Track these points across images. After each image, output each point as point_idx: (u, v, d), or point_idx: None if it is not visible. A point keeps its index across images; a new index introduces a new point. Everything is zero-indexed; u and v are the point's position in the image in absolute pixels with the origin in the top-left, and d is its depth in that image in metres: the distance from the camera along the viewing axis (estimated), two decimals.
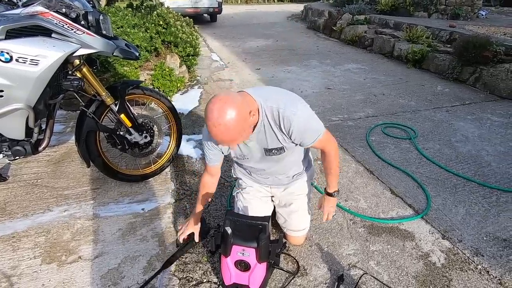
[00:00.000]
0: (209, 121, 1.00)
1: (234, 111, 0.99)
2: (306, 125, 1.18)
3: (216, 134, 1.02)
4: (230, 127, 1.00)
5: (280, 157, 1.31)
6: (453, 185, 2.07)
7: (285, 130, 1.17)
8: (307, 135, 1.19)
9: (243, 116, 1.02)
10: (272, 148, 1.26)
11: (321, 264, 1.47)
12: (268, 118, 1.17)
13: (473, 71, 3.91)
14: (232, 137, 1.04)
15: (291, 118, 1.13)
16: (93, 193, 1.87)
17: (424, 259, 1.51)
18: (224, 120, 0.98)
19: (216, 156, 1.35)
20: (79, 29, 1.39)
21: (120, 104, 1.70)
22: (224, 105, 0.99)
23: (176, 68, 3.61)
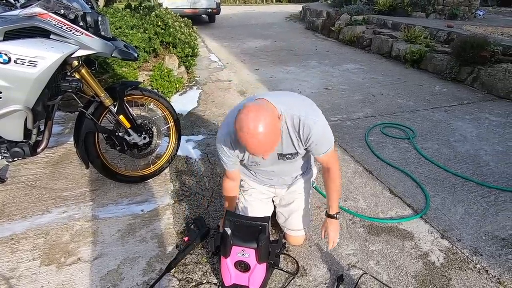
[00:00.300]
0: (246, 133, 0.97)
1: (269, 120, 0.98)
2: (324, 134, 1.21)
3: (254, 145, 0.99)
4: (268, 136, 0.99)
5: (292, 161, 1.33)
6: (452, 185, 2.07)
7: (303, 136, 1.19)
8: (322, 144, 1.22)
9: (276, 124, 1.02)
10: (287, 154, 1.28)
11: (320, 264, 1.47)
12: (288, 125, 1.18)
13: (471, 71, 3.93)
14: (269, 146, 1.03)
15: (311, 126, 1.16)
16: (92, 194, 1.86)
17: (423, 258, 1.52)
18: (261, 130, 0.97)
19: (235, 162, 1.32)
20: (78, 30, 1.38)
21: (119, 105, 1.69)
22: (258, 114, 0.97)
23: (174, 69, 3.61)
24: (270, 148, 1.04)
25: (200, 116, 3.03)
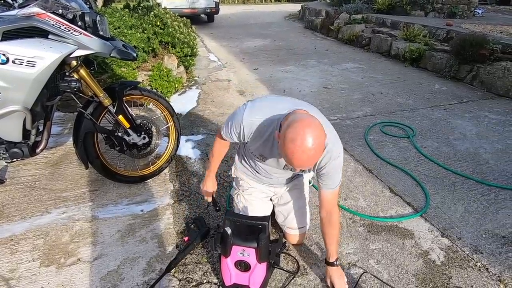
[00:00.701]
0: (299, 147, 0.94)
1: (321, 140, 0.98)
2: (337, 170, 1.21)
3: (301, 160, 0.97)
4: (317, 155, 0.99)
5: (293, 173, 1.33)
6: (452, 183, 2.07)
7: (320, 164, 1.18)
8: (332, 178, 1.21)
9: (323, 144, 1.01)
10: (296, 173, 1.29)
11: (321, 263, 1.47)
12: None
13: (470, 69, 3.93)
14: (312, 163, 1.01)
15: (332, 157, 1.16)
16: (92, 195, 1.86)
17: (423, 257, 1.52)
18: (314, 148, 0.95)
19: (236, 140, 1.29)
20: (76, 30, 1.38)
21: (118, 105, 1.69)
22: (315, 132, 0.96)
23: (174, 68, 3.60)
24: (312, 164, 1.02)
25: (200, 116, 3.03)
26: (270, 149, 1.23)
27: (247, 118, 1.18)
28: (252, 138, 1.22)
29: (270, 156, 1.28)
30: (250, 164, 1.47)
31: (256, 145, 1.25)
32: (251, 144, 1.26)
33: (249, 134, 1.20)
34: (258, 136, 1.20)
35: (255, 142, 1.23)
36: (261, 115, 1.18)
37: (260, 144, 1.23)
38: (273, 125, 1.16)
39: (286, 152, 0.98)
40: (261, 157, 1.31)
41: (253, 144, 1.25)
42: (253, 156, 1.35)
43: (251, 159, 1.43)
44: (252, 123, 1.17)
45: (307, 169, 1.22)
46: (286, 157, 1.00)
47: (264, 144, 1.22)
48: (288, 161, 1.01)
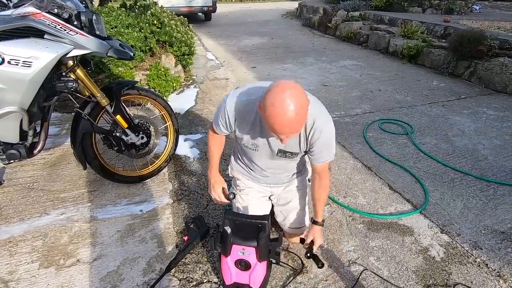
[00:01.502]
0: (279, 109, 0.91)
1: (303, 101, 0.95)
2: (330, 142, 1.20)
3: (283, 123, 0.94)
4: (299, 116, 0.94)
5: (288, 161, 1.32)
6: (451, 179, 2.08)
7: (311, 139, 1.18)
8: (325, 152, 1.21)
9: (306, 107, 0.98)
10: (287, 152, 1.25)
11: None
12: None
13: (468, 66, 3.93)
14: (296, 127, 0.98)
15: (323, 130, 1.15)
16: (90, 195, 1.85)
17: (423, 253, 1.52)
18: (295, 108, 0.92)
19: (226, 130, 1.29)
20: (72, 30, 1.37)
21: (116, 105, 1.68)
22: (295, 93, 0.93)
23: (171, 67, 3.58)
24: (296, 130, 0.99)
25: (198, 115, 3.02)
26: (259, 133, 1.21)
27: (229, 103, 1.17)
28: (239, 123, 1.20)
29: (263, 142, 1.25)
30: (245, 163, 1.46)
31: (245, 132, 1.23)
32: (240, 132, 1.23)
33: (234, 119, 1.19)
34: (244, 120, 1.19)
35: (243, 128, 1.21)
36: (244, 97, 1.17)
37: (249, 129, 1.21)
38: (257, 105, 1.12)
39: (268, 118, 0.96)
40: (254, 147, 1.27)
41: (242, 132, 1.23)
42: (247, 149, 1.32)
43: (246, 156, 1.41)
44: (236, 106, 1.16)
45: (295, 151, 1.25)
46: (269, 125, 0.98)
47: (253, 129, 1.20)
48: (271, 128, 0.98)
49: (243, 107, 1.17)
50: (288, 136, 1.02)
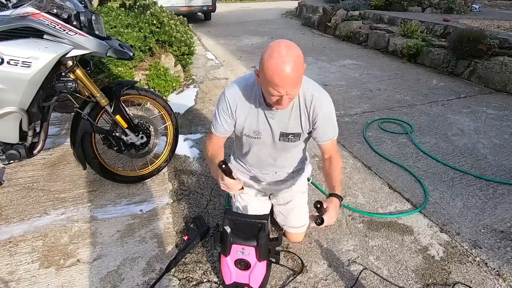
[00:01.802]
0: (277, 59, 0.96)
1: (299, 53, 1.00)
2: (331, 116, 1.22)
3: (282, 73, 0.96)
4: (297, 67, 0.98)
5: (291, 146, 1.31)
6: (450, 179, 2.08)
7: (312, 113, 1.19)
8: (329, 128, 1.21)
9: (303, 63, 1.02)
10: (290, 133, 1.25)
11: (321, 260, 1.47)
12: (300, 99, 1.19)
13: (467, 65, 3.93)
14: (295, 79, 1.00)
15: (323, 103, 1.18)
16: (90, 195, 1.85)
17: (423, 252, 1.52)
18: (293, 58, 0.97)
19: (227, 125, 1.25)
20: (71, 30, 1.37)
21: (115, 105, 1.68)
22: (291, 45, 1.00)
23: (171, 67, 3.58)
24: (295, 82, 1.00)
25: (198, 114, 3.02)
26: (260, 117, 1.23)
27: (228, 90, 1.23)
28: (239, 108, 1.22)
29: (264, 126, 1.25)
30: (245, 161, 1.46)
31: (246, 118, 1.23)
32: (241, 118, 1.23)
33: (234, 105, 1.21)
34: (245, 105, 1.22)
35: (244, 113, 1.23)
36: (242, 82, 1.23)
37: (249, 114, 1.23)
38: (255, 87, 1.20)
39: (266, 73, 0.98)
40: (255, 134, 1.26)
41: (243, 118, 1.23)
42: (248, 139, 1.29)
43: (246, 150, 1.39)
44: (235, 92, 1.22)
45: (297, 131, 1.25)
46: (268, 81, 0.99)
47: (253, 113, 1.23)
48: (271, 83, 0.99)
49: (242, 91, 1.21)
50: (288, 93, 1.02)
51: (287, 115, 1.22)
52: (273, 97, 1.05)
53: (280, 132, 1.26)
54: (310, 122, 1.23)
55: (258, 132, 1.27)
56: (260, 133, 1.27)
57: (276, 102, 1.06)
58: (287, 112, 1.21)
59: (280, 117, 1.23)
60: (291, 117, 1.23)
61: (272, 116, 1.23)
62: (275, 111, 1.20)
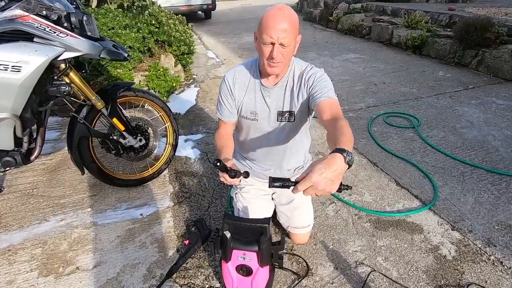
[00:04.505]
0: (273, 9, 1.05)
1: (294, 13, 1.09)
2: (327, 79, 1.20)
3: (278, 17, 1.03)
4: (292, 16, 1.06)
5: (288, 128, 1.29)
6: (460, 173, 2.00)
7: (308, 80, 1.18)
8: (327, 87, 1.16)
9: (298, 24, 1.09)
10: (285, 111, 1.25)
11: (327, 263, 1.42)
12: (295, 74, 1.22)
13: (475, 54, 3.81)
14: (290, 24, 1.04)
15: (317, 72, 1.20)
16: (90, 200, 1.82)
17: (434, 252, 1.46)
18: (288, 9, 1.06)
19: (232, 108, 1.29)
20: (62, 32, 1.33)
21: (112, 107, 1.64)
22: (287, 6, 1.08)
23: (171, 67, 3.54)
24: (287, 28, 1.04)
25: (199, 114, 2.97)
26: (257, 96, 1.25)
27: (228, 73, 1.29)
28: (238, 87, 1.26)
29: (261, 106, 1.26)
30: (245, 150, 1.43)
31: (243, 98, 1.26)
32: (239, 98, 1.27)
33: (233, 83, 1.26)
34: (242, 84, 1.26)
35: (241, 92, 1.26)
36: (240, 65, 1.30)
37: (247, 93, 1.26)
38: (252, 68, 1.25)
39: (261, 22, 1.06)
40: (253, 116, 1.28)
41: (241, 97, 1.26)
42: (246, 121, 1.30)
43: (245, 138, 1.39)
44: (233, 73, 1.27)
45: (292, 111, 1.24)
46: (264, 27, 1.05)
47: (250, 93, 1.26)
48: (264, 27, 1.05)
49: (240, 70, 1.27)
50: (280, 39, 1.04)
51: (282, 92, 1.24)
52: (266, 49, 1.07)
53: (277, 112, 1.26)
54: (307, 90, 1.20)
55: (255, 113, 1.28)
56: (257, 113, 1.27)
57: (269, 57, 1.08)
58: (281, 89, 1.23)
59: (276, 95, 1.24)
60: (285, 95, 1.24)
61: (269, 94, 1.24)
62: (271, 89, 1.23)
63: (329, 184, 0.74)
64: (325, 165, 0.74)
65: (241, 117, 1.32)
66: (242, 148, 1.47)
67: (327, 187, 0.74)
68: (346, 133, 0.89)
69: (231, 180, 1.05)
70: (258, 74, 1.24)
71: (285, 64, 1.15)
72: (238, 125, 1.39)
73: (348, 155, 0.78)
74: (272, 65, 1.11)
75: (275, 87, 1.23)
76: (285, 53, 1.09)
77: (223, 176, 1.06)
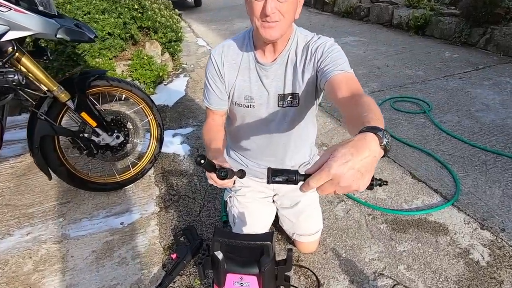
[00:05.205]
0: None
1: None
2: (339, 49, 0.94)
3: None
4: None
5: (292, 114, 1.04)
6: (482, 162, 1.78)
7: (315, 52, 0.94)
8: (338, 56, 0.90)
9: None
10: (288, 94, 1.01)
11: (340, 275, 1.20)
12: (298, 46, 0.98)
13: (483, 32, 3.56)
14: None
15: (325, 41, 0.95)
16: (63, 208, 1.58)
17: (464, 257, 1.25)
18: None
19: (222, 94, 1.04)
20: (3, 5, 1.06)
21: (79, 100, 1.38)
22: None
23: (157, 56, 3.25)
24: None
25: (189, 106, 2.72)
26: (250, 75, 1.01)
27: (214, 49, 1.05)
28: (227, 66, 1.02)
29: (257, 90, 1.02)
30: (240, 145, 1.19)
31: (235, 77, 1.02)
32: (230, 77, 1.02)
33: (221, 62, 1.02)
34: (233, 63, 1.02)
35: (233, 73, 1.02)
36: (228, 40, 1.06)
37: (239, 71, 1.02)
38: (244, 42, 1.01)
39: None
40: (248, 102, 1.03)
41: (232, 77, 1.02)
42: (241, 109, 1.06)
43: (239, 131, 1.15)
44: (221, 47, 1.04)
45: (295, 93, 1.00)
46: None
47: (243, 71, 1.01)
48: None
49: (229, 45, 1.04)
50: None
51: (282, 70, 0.99)
52: (257, 4, 0.83)
53: (278, 95, 1.01)
54: (314, 65, 0.94)
55: (250, 98, 1.03)
56: (253, 99, 1.03)
57: (262, 14, 0.83)
58: (282, 66, 0.98)
59: (276, 74, 1.00)
60: (287, 72, 0.99)
61: (266, 73, 1.00)
62: (269, 67, 0.98)
63: (357, 177, 0.49)
64: (352, 149, 0.49)
65: (233, 104, 1.07)
66: (235, 142, 1.22)
67: (354, 183, 0.49)
68: (375, 111, 0.65)
69: (221, 182, 0.81)
70: (253, 47, 0.99)
71: (284, 26, 0.88)
72: (230, 114, 1.14)
73: (385, 136, 0.53)
74: (267, 26, 0.85)
75: (273, 64, 0.98)
76: (283, 9, 0.83)
77: (211, 177, 0.82)
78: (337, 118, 2.35)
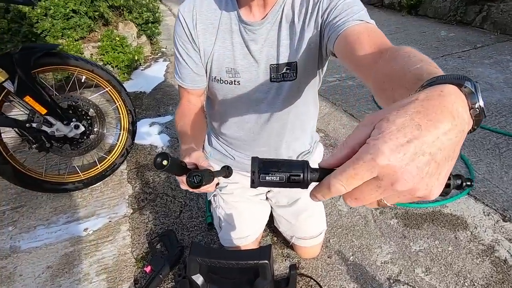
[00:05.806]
0: None
1: None
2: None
3: None
4: None
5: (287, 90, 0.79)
6: (495, 145, 1.62)
7: (314, 2, 0.69)
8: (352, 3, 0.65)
9: None
10: (283, 64, 0.76)
11: (348, 284, 1.01)
12: None
13: (479, 10, 3.40)
14: None
15: None
16: (14, 214, 1.32)
17: (489, 255, 1.08)
18: None
19: (197, 66, 0.80)
20: None
21: (20, 80, 1.11)
22: None
23: (132, 37, 2.94)
24: None
25: (168, 92, 2.44)
26: (232, 40, 0.76)
27: (183, 5, 0.78)
28: (201, 27, 0.76)
29: (243, 59, 0.77)
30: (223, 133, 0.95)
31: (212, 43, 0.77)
32: (206, 43, 0.77)
33: (193, 22, 0.76)
34: (209, 19, 0.76)
35: (208, 34, 0.77)
36: None
37: (217, 35, 0.77)
38: None
39: None
40: (232, 77, 0.79)
41: (208, 43, 0.77)
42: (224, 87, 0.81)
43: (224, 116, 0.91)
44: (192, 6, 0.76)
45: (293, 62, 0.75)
46: None
47: (222, 35, 0.77)
48: None
49: (201, 1, 0.77)
50: None
51: (274, 31, 0.74)
52: None
53: (270, 66, 0.77)
54: (317, 20, 0.69)
55: (234, 71, 0.78)
56: (238, 72, 0.78)
57: None
58: (274, 25, 0.73)
59: (267, 37, 0.75)
60: (282, 34, 0.74)
61: (254, 36, 0.74)
62: (257, 27, 0.73)
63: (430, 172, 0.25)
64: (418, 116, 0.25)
65: (212, 80, 0.82)
66: (218, 128, 0.97)
67: (423, 183, 0.25)
68: (426, 59, 0.41)
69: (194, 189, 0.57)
70: (235, 2, 0.74)
71: None
72: (209, 93, 0.90)
73: (477, 90, 0.28)
74: None
75: (263, 23, 0.73)
76: None
77: (182, 181, 0.58)
78: (332, 101, 2.14)
